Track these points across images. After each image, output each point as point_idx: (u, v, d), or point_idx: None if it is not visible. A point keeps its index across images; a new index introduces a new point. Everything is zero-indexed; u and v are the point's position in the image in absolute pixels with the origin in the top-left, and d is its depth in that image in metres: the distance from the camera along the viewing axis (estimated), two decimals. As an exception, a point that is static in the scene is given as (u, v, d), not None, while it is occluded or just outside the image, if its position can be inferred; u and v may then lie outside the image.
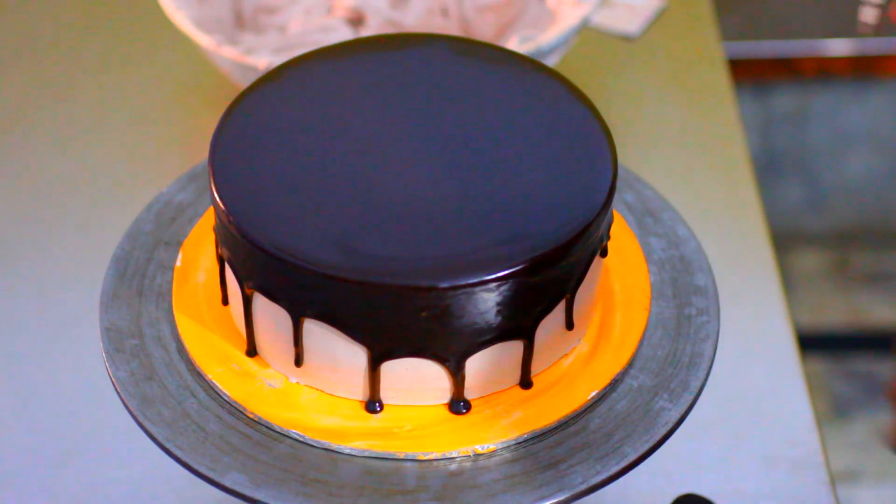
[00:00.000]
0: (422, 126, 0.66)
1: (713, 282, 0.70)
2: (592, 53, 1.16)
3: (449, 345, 0.62)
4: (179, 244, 0.71)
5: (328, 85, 0.69)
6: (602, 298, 0.69)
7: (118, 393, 0.65)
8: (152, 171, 1.06)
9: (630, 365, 0.67)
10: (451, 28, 1.09)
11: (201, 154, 0.76)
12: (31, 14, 1.23)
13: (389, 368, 0.63)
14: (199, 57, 1.10)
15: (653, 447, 0.63)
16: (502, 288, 0.60)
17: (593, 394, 0.65)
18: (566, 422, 0.64)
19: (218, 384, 0.65)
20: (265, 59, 0.97)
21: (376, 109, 0.67)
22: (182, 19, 1.03)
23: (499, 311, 0.61)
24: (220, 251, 0.66)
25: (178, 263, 0.69)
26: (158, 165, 1.07)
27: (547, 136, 0.66)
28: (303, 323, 0.62)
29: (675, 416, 0.64)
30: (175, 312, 0.67)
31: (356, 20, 1.09)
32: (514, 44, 1.03)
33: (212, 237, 0.69)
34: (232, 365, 0.66)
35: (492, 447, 0.63)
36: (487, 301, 0.61)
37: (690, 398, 0.65)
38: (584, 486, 0.61)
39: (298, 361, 0.64)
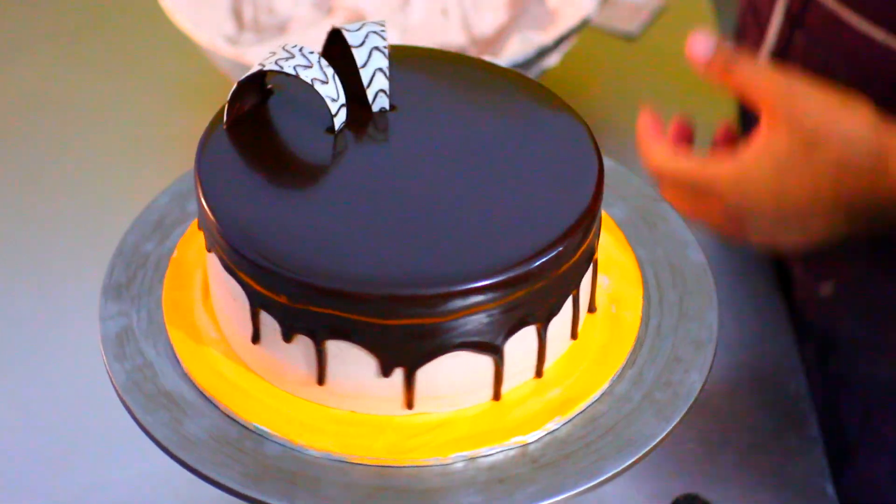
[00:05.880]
0: (409, 137, 0.67)
1: (711, 276, 0.70)
2: (592, 53, 1.16)
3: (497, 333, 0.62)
4: (176, 244, 0.71)
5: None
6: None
7: (118, 393, 0.65)
8: (152, 171, 1.06)
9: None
10: (451, 28, 1.09)
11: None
12: (31, 14, 1.23)
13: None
14: (199, 57, 1.11)
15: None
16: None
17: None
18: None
19: (209, 392, 0.65)
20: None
21: (361, 121, 0.67)
22: (182, 19, 1.03)
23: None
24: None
25: (171, 264, 0.69)
26: (158, 165, 1.07)
27: (532, 147, 0.67)
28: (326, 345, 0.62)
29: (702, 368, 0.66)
30: (167, 325, 0.67)
31: (356, 21, 1.09)
32: (514, 44, 1.04)
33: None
34: (221, 371, 0.66)
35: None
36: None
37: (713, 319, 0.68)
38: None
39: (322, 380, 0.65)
